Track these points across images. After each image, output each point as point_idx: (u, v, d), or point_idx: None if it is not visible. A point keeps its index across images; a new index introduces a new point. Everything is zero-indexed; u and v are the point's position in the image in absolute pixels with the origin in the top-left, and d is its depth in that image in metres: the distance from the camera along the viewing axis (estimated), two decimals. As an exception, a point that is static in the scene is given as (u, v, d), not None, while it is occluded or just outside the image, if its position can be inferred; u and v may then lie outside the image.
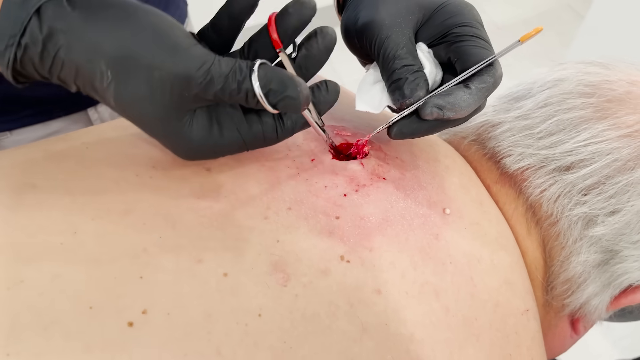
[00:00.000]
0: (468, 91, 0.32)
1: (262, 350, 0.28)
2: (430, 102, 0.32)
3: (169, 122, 0.28)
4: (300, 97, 0.28)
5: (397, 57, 0.33)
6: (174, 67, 0.27)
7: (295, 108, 0.28)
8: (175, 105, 0.28)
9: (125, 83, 0.27)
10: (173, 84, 0.27)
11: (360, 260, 0.32)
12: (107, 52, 0.26)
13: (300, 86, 0.28)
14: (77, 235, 0.30)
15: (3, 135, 0.49)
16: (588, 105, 0.38)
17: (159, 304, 0.28)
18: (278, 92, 0.28)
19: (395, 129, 0.34)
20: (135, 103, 0.27)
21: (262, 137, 0.31)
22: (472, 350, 0.32)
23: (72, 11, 0.27)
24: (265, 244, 0.31)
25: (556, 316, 0.41)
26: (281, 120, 0.31)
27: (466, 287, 0.34)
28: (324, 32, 0.31)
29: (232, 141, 0.30)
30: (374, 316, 0.30)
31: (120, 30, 0.27)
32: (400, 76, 0.33)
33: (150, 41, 0.27)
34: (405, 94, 0.33)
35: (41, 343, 0.26)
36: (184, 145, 0.30)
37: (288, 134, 0.32)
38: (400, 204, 0.35)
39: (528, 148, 0.39)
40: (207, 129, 0.29)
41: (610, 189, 0.36)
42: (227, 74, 0.27)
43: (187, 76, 0.27)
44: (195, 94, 0.27)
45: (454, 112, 0.32)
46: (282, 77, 0.28)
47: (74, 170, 0.33)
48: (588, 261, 0.37)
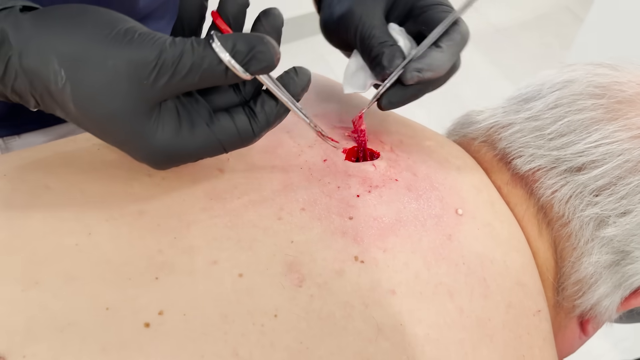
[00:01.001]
0: (439, 50, 0.35)
1: (278, 350, 0.28)
2: (409, 68, 0.34)
3: (133, 118, 0.27)
4: (271, 49, 0.27)
5: (373, 37, 0.35)
6: (126, 53, 0.26)
7: (269, 61, 0.27)
8: (136, 96, 0.26)
9: (81, 79, 0.26)
10: (129, 71, 0.26)
11: (374, 261, 0.32)
12: (59, 50, 0.26)
13: (266, 38, 0.27)
14: (91, 237, 0.30)
15: (11, 139, 0.49)
16: (598, 107, 0.39)
17: (175, 305, 0.28)
18: (245, 50, 0.26)
19: (384, 100, 0.36)
20: (94, 100, 0.26)
21: (236, 133, 0.29)
22: (486, 351, 0.32)
23: (23, 15, 0.26)
24: (279, 244, 0.31)
25: (566, 317, 0.41)
26: (253, 112, 0.30)
27: (479, 288, 0.34)
28: (267, 12, 0.30)
29: (204, 140, 0.28)
30: (389, 317, 0.30)
31: (70, 27, 0.26)
32: (378, 52, 0.35)
33: (101, 33, 0.26)
34: (385, 65, 0.35)
35: (57, 345, 0.26)
36: (152, 147, 0.28)
37: (264, 127, 0.30)
38: (413, 204, 0.35)
39: (539, 149, 0.39)
40: (175, 127, 0.28)
41: (622, 190, 0.36)
42: (183, 49, 0.26)
43: (141, 60, 0.26)
44: (154, 81, 0.26)
45: (432, 71, 0.34)
46: (246, 36, 0.27)
47: (86, 171, 0.33)
48: (599, 262, 0.37)
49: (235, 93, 0.31)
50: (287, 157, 0.36)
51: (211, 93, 0.30)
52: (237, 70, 0.27)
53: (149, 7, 0.46)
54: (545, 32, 1.98)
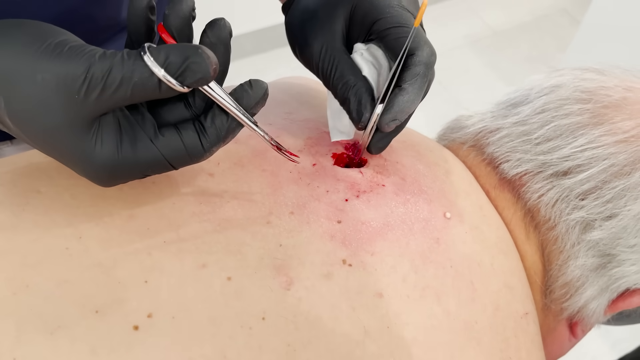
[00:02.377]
0: (404, 92, 0.33)
1: (266, 353, 0.28)
2: (384, 120, 0.34)
3: (70, 133, 0.26)
4: (205, 59, 0.25)
5: (334, 77, 0.34)
6: (55, 66, 0.25)
7: (204, 72, 0.26)
8: (70, 110, 0.25)
9: (13, 95, 0.25)
10: (58, 85, 0.25)
11: (362, 265, 0.32)
12: None
13: (201, 48, 0.26)
14: (82, 240, 0.30)
15: (4, 144, 0.49)
16: (585, 111, 0.39)
17: (164, 308, 0.28)
18: (179, 62, 0.25)
19: (373, 149, 0.37)
20: (30, 115, 0.25)
21: (183, 149, 0.28)
22: (473, 353, 0.32)
23: None
24: (268, 248, 0.32)
25: (555, 320, 0.42)
26: (203, 127, 0.28)
27: (467, 290, 0.34)
28: (213, 23, 0.29)
29: (147, 156, 0.27)
30: (376, 320, 0.31)
31: (2, 42, 0.25)
32: (344, 97, 0.34)
33: (31, 47, 0.25)
34: (354, 118, 0.34)
35: (47, 347, 0.26)
36: (92, 163, 0.27)
37: (215, 142, 0.29)
38: (401, 208, 0.36)
39: (526, 154, 0.39)
40: (115, 142, 0.27)
41: (607, 194, 0.37)
42: (112, 62, 0.25)
43: (70, 74, 0.25)
44: (85, 95, 0.25)
45: (406, 113, 0.34)
46: (180, 46, 0.26)
47: (77, 176, 0.33)
48: (586, 265, 0.38)
49: (186, 107, 0.29)
50: (276, 161, 0.36)
51: (160, 107, 0.29)
52: (172, 82, 0.26)
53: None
54: (542, 34, 1.98)
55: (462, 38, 1.92)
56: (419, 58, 0.33)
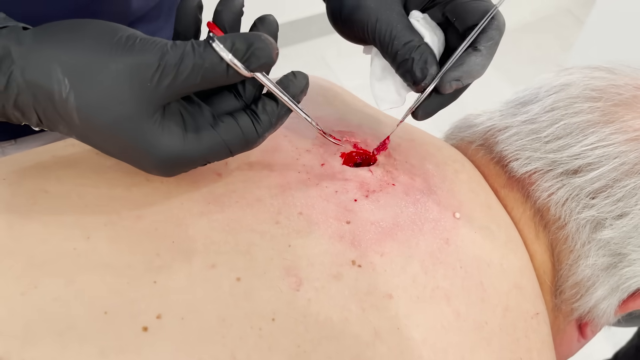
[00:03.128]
0: (479, 54, 0.32)
1: (276, 354, 0.28)
2: (447, 77, 0.32)
3: (138, 122, 0.27)
4: (269, 45, 0.27)
5: (395, 38, 0.33)
6: (129, 58, 0.26)
7: (268, 57, 0.28)
8: (140, 99, 0.26)
9: (85, 86, 0.26)
10: (132, 75, 0.26)
11: (371, 265, 0.32)
12: (61, 60, 0.26)
13: (263, 35, 0.28)
14: (90, 241, 0.30)
15: (8, 143, 0.49)
16: (595, 110, 0.39)
17: (173, 309, 0.28)
18: (245, 48, 0.27)
19: (421, 112, 0.35)
20: (98, 106, 0.26)
21: (241, 134, 0.29)
22: (483, 354, 0.32)
23: (24, 32, 0.27)
24: (277, 248, 0.32)
25: (565, 320, 0.41)
26: (255, 114, 0.30)
27: (476, 291, 0.34)
28: (263, 19, 0.31)
29: (210, 142, 0.29)
30: (386, 321, 0.31)
31: (71, 38, 0.27)
32: (405, 57, 0.33)
33: (103, 41, 0.27)
34: (418, 77, 0.33)
35: (56, 348, 0.26)
36: (159, 151, 0.28)
37: (267, 128, 0.30)
38: (411, 208, 0.35)
39: (535, 152, 0.39)
40: (181, 130, 0.28)
41: (618, 192, 0.36)
42: (183, 51, 0.27)
43: (143, 62, 0.26)
44: (157, 82, 0.26)
45: (472, 78, 0.33)
46: (244, 34, 0.28)
47: (85, 176, 0.33)
48: (596, 264, 0.37)
49: (236, 98, 0.31)
50: (285, 161, 0.36)
51: (212, 99, 0.31)
52: (239, 67, 0.27)
53: (142, 9, 0.46)
54: (546, 35, 1.98)
55: (465, 38, 1.92)
56: (496, 22, 0.33)
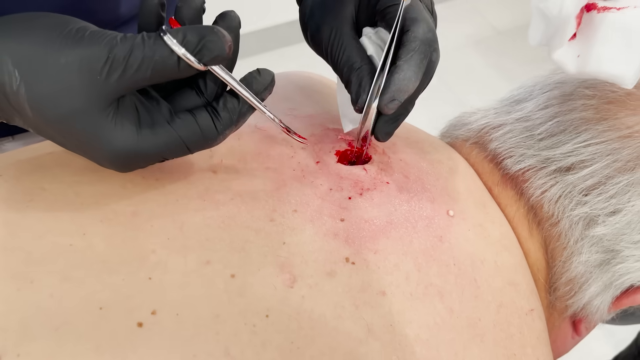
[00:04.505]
0: (399, 69, 0.32)
1: (270, 350, 0.28)
2: (383, 101, 0.33)
3: (90, 115, 0.26)
4: (221, 37, 0.27)
5: (340, 61, 0.34)
6: (78, 50, 0.26)
7: (220, 49, 0.27)
8: (91, 92, 0.26)
9: (35, 78, 0.26)
10: (81, 67, 0.26)
11: (365, 263, 0.32)
12: (11, 51, 0.26)
13: (216, 28, 0.27)
14: (86, 237, 0.30)
15: (5, 140, 0.49)
16: (589, 107, 0.39)
17: (168, 305, 0.28)
18: (196, 40, 0.27)
19: (380, 135, 0.36)
20: (48, 99, 0.26)
21: (199, 131, 0.29)
22: (477, 350, 0.32)
23: None
24: (271, 245, 0.32)
25: (559, 317, 0.42)
26: (216, 111, 0.30)
27: (470, 288, 0.34)
28: (223, 15, 0.30)
29: (166, 138, 0.28)
30: (379, 317, 0.31)
31: (22, 31, 0.26)
32: (347, 79, 0.34)
33: (52, 34, 0.26)
34: (353, 99, 0.34)
35: (52, 344, 0.26)
36: (112, 146, 0.27)
37: (228, 125, 0.30)
38: (404, 206, 0.36)
39: (529, 149, 0.39)
40: (134, 124, 0.28)
41: (611, 189, 0.36)
42: (133, 43, 0.26)
43: (92, 54, 0.26)
44: (107, 75, 0.26)
45: (406, 92, 0.33)
46: (196, 27, 0.27)
47: (81, 173, 0.34)
48: (589, 261, 0.38)
49: (198, 95, 0.31)
50: (280, 158, 0.36)
51: (174, 95, 0.31)
52: (190, 60, 0.27)
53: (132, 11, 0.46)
54: (545, 33, 1.98)
55: (465, 38, 1.92)
56: (413, 34, 0.33)
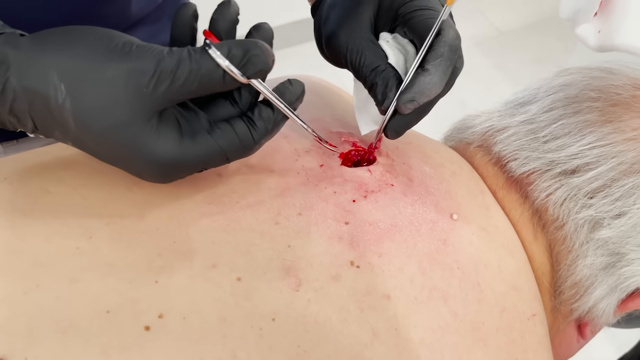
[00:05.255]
0: (427, 73, 0.33)
1: (276, 353, 0.28)
2: (401, 100, 0.33)
3: (134, 128, 0.27)
4: (265, 52, 0.28)
5: (363, 65, 0.34)
6: (126, 64, 0.26)
7: (264, 63, 0.28)
8: (136, 105, 0.27)
9: (81, 91, 0.26)
10: (128, 81, 0.26)
11: (369, 266, 0.32)
12: (58, 65, 0.26)
13: (260, 42, 0.28)
14: (92, 240, 0.30)
15: (10, 143, 0.50)
16: (593, 109, 0.39)
17: (174, 308, 0.28)
18: (241, 54, 0.27)
19: (390, 132, 0.35)
20: (94, 112, 0.26)
21: (237, 140, 0.29)
22: (480, 354, 0.32)
23: (22, 38, 0.27)
24: (276, 249, 0.32)
25: (564, 321, 0.41)
26: (252, 121, 0.30)
27: (473, 292, 0.34)
28: (258, 27, 0.31)
29: (207, 148, 0.29)
30: (384, 321, 0.31)
31: (68, 44, 0.27)
32: (372, 82, 0.34)
33: (99, 48, 0.27)
34: (379, 100, 0.34)
35: (59, 347, 0.27)
36: (155, 157, 0.28)
37: (264, 134, 0.31)
38: (409, 209, 0.36)
39: (533, 152, 0.39)
40: (177, 135, 0.28)
41: (616, 192, 0.36)
42: (180, 57, 0.27)
43: (140, 68, 0.26)
44: (154, 88, 0.26)
45: (427, 96, 0.33)
46: (240, 41, 0.28)
47: (86, 176, 0.34)
48: (595, 264, 0.37)
49: (232, 105, 0.31)
50: (285, 162, 0.36)
51: (209, 106, 0.31)
52: (235, 73, 0.27)
53: (142, 12, 0.46)
54: (549, 35, 1.97)
55: (468, 39, 1.92)
56: (444, 39, 0.33)
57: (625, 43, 0.34)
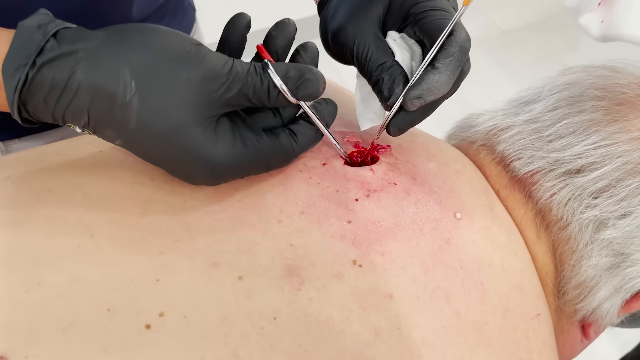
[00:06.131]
0: (437, 71, 0.33)
1: (277, 353, 0.28)
2: (408, 96, 0.33)
3: (196, 130, 0.28)
4: (318, 78, 0.30)
5: (369, 60, 0.35)
6: (201, 67, 0.28)
7: (315, 89, 0.30)
8: (203, 108, 0.28)
9: (152, 91, 0.27)
10: (202, 84, 0.28)
11: (372, 265, 0.32)
12: (131, 62, 0.27)
13: (315, 69, 0.31)
14: (93, 238, 0.30)
15: (12, 142, 0.49)
16: (599, 109, 0.39)
17: (175, 307, 0.28)
18: (296, 77, 0.30)
19: (392, 128, 0.35)
20: (161, 111, 0.27)
21: (281, 151, 0.32)
22: (483, 354, 0.32)
23: (93, 31, 0.27)
24: (279, 247, 0.32)
25: (568, 321, 0.41)
26: (293, 134, 0.32)
27: (476, 292, 0.34)
28: (306, 47, 0.34)
29: (255, 155, 0.31)
30: (386, 320, 0.31)
31: (142, 43, 0.27)
32: (378, 77, 0.34)
33: (174, 49, 0.28)
34: (385, 95, 0.34)
35: (60, 345, 0.26)
36: (211, 159, 0.29)
37: (303, 148, 0.33)
38: (412, 208, 0.35)
39: (538, 151, 0.39)
40: (231, 140, 0.30)
41: (621, 192, 0.36)
42: (248, 69, 0.29)
43: (214, 74, 0.28)
44: (223, 93, 0.28)
45: (434, 95, 0.33)
46: (297, 65, 0.31)
47: (88, 174, 0.34)
48: (599, 265, 0.37)
49: (275, 116, 0.33)
50: None
51: (253, 114, 0.33)
52: (287, 94, 0.30)
53: (144, 12, 0.46)
54: (551, 34, 1.97)
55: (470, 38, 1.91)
56: (455, 39, 0.33)
57: (629, 33, 0.34)
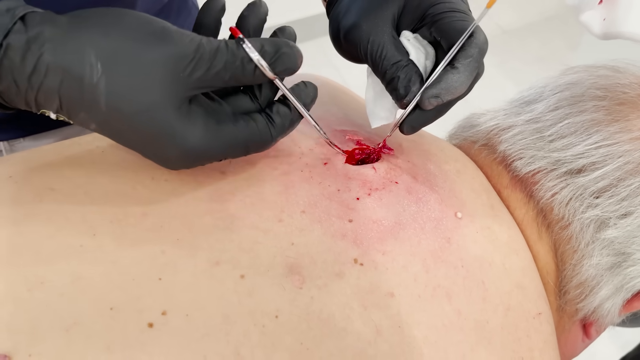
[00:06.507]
0: (456, 71, 0.33)
1: (279, 351, 0.28)
2: (426, 95, 0.33)
3: (167, 111, 0.27)
4: (295, 52, 0.29)
5: (384, 58, 0.34)
6: (166, 47, 0.27)
7: (293, 63, 0.29)
8: (171, 89, 0.27)
9: (118, 72, 0.26)
10: (167, 64, 0.27)
11: (373, 264, 0.32)
12: (96, 44, 0.26)
13: (291, 42, 0.30)
14: (96, 237, 0.30)
15: (16, 141, 0.50)
16: (600, 108, 0.39)
17: (178, 305, 0.28)
18: (272, 52, 0.29)
19: (406, 127, 0.35)
20: (129, 93, 0.26)
21: (258, 135, 0.30)
22: (485, 353, 0.32)
23: (59, 15, 0.27)
24: (280, 246, 0.32)
25: (569, 321, 0.41)
26: (270, 117, 0.31)
27: (478, 290, 0.34)
28: (283, 29, 0.32)
29: (231, 138, 0.30)
30: (387, 319, 0.31)
31: (107, 24, 0.27)
32: (393, 76, 0.34)
33: (139, 30, 0.27)
34: (401, 94, 0.34)
35: (63, 344, 0.27)
36: (183, 142, 0.28)
37: (280, 131, 0.32)
38: (413, 207, 0.36)
39: (539, 151, 0.39)
40: (204, 123, 0.29)
41: (623, 192, 0.36)
42: (218, 47, 0.28)
43: (180, 54, 0.27)
44: (190, 73, 0.27)
45: (451, 94, 0.33)
46: (273, 39, 0.29)
47: (90, 173, 0.34)
48: (600, 264, 0.37)
49: (252, 101, 0.32)
50: (288, 159, 0.36)
51: (229, 98, 0.32)
52: (265, 68, 0.29)
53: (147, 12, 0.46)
54: (552, 34, 1.97)
55: (471, 38, 1.91)
56: (475, 41, 0.33)
57: (630, 31, 0.33)
